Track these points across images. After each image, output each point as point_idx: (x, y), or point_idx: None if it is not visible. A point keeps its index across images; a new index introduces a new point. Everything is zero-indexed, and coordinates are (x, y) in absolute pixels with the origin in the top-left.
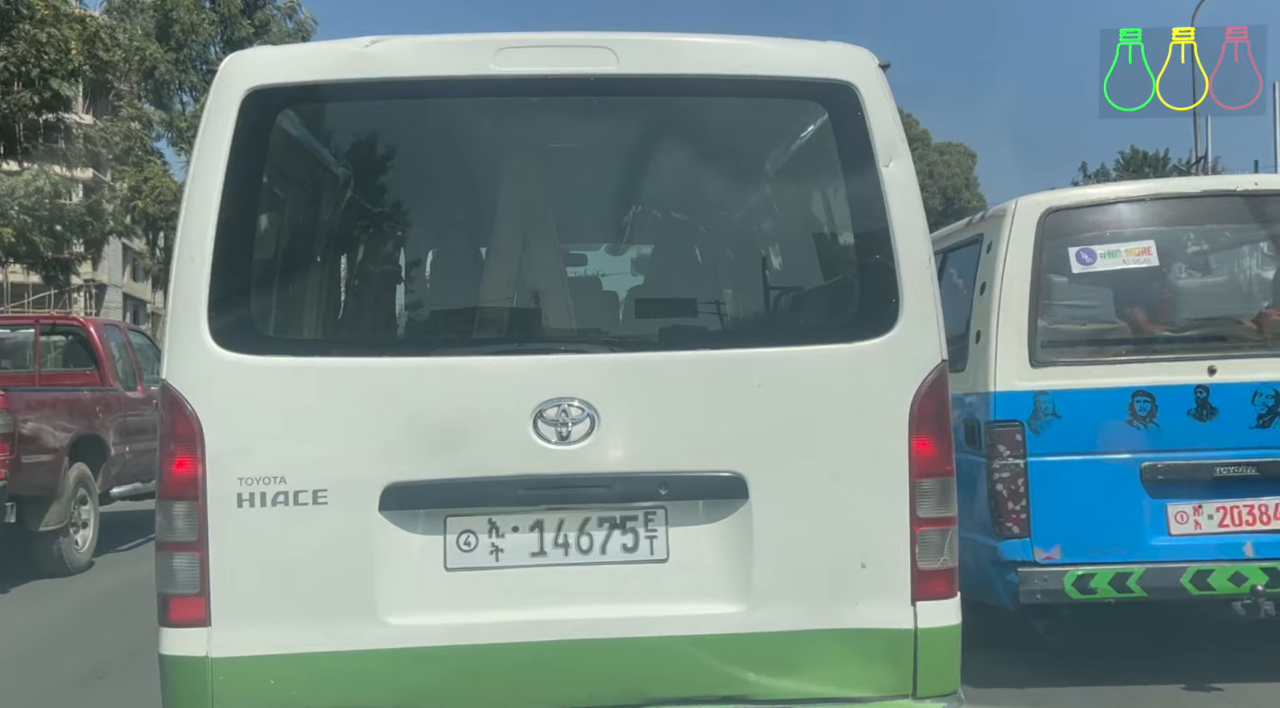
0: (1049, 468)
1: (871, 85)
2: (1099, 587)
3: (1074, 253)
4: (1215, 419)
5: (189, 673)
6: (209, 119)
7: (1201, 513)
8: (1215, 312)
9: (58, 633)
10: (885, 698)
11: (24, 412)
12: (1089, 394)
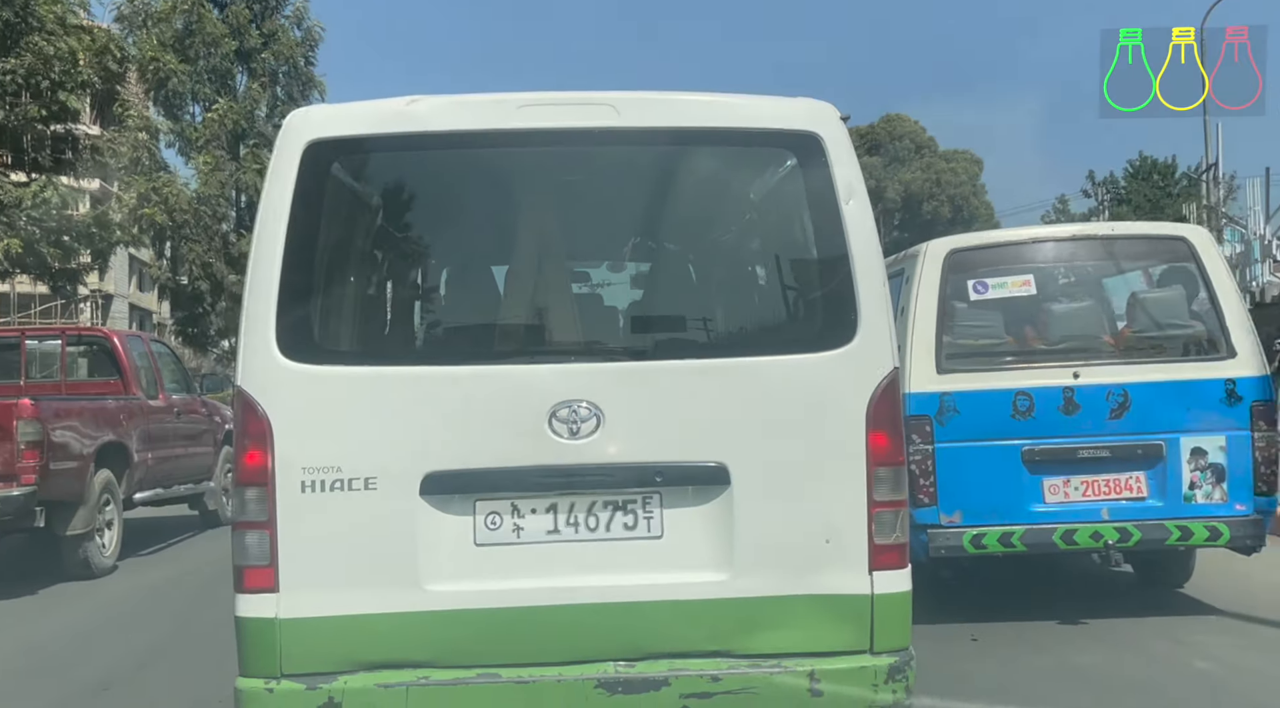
0: (951, 452)
1: (834, 135)
2: (989, 544)
3: (971, 284)
4: (1079, 413)
5: (260, 632)
6: (275, 166)
7: (1069, 486)
8: (1080, 330)
9: (83, 636)
10: (846, 653)
11: (52, 420)
12: (982, 394)
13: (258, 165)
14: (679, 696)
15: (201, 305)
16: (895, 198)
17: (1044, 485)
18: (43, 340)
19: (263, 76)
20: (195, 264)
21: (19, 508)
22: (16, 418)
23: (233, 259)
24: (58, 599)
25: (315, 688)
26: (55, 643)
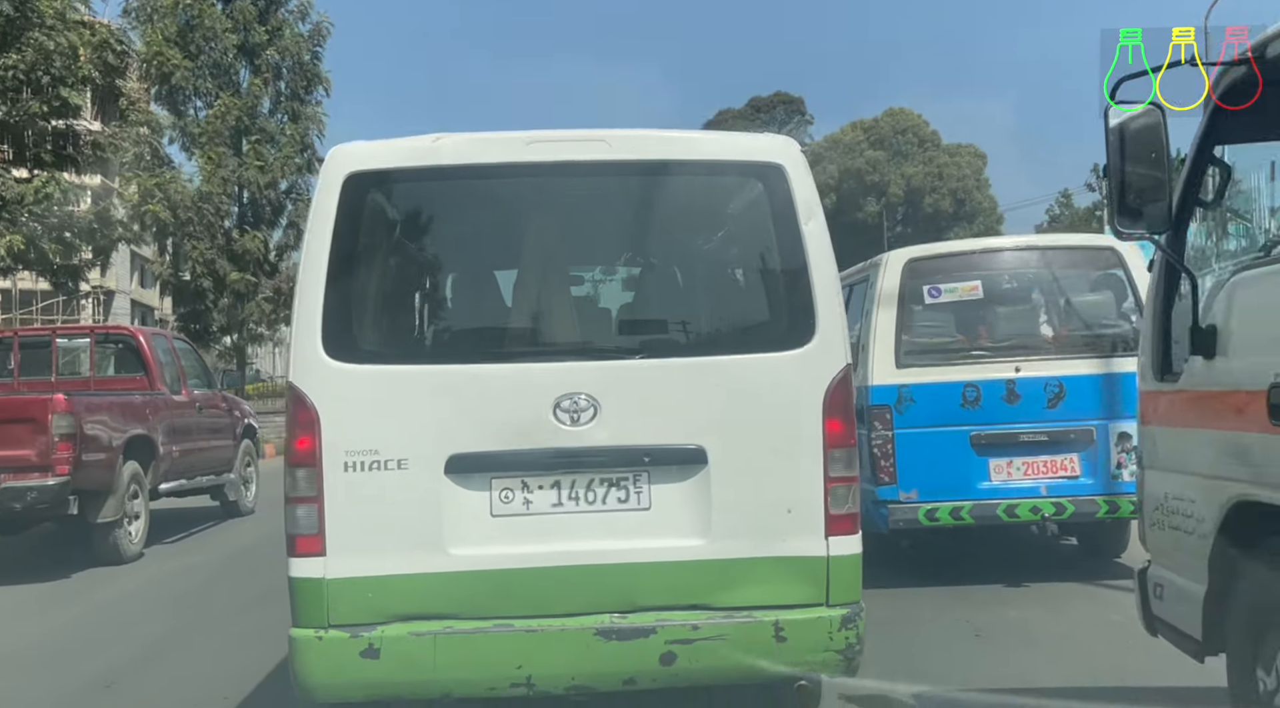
0: (909, 437)
1: (795, 165)
2: (941, 517)
3: (926, 289)
4: (1020, 402)
5: (311, 590)
6: (319, 196)
7: (1011, 466)
8: (1021, 329)
9: (114, 617)
10: (806, 605)
11: (84, 414)
12: (935, 386)
13: (259, 162)
14: (664, 642)
15: (204, 302)
16: (898, 192)
17: (990, 466)
18: (72, 339)
19: (265, 72)
20: (198, 261)
21: (54, 496)
22: (51, 412)
23: (235, 256)
24: (89, 583)
25: (358, 636)
26: (88, 623)
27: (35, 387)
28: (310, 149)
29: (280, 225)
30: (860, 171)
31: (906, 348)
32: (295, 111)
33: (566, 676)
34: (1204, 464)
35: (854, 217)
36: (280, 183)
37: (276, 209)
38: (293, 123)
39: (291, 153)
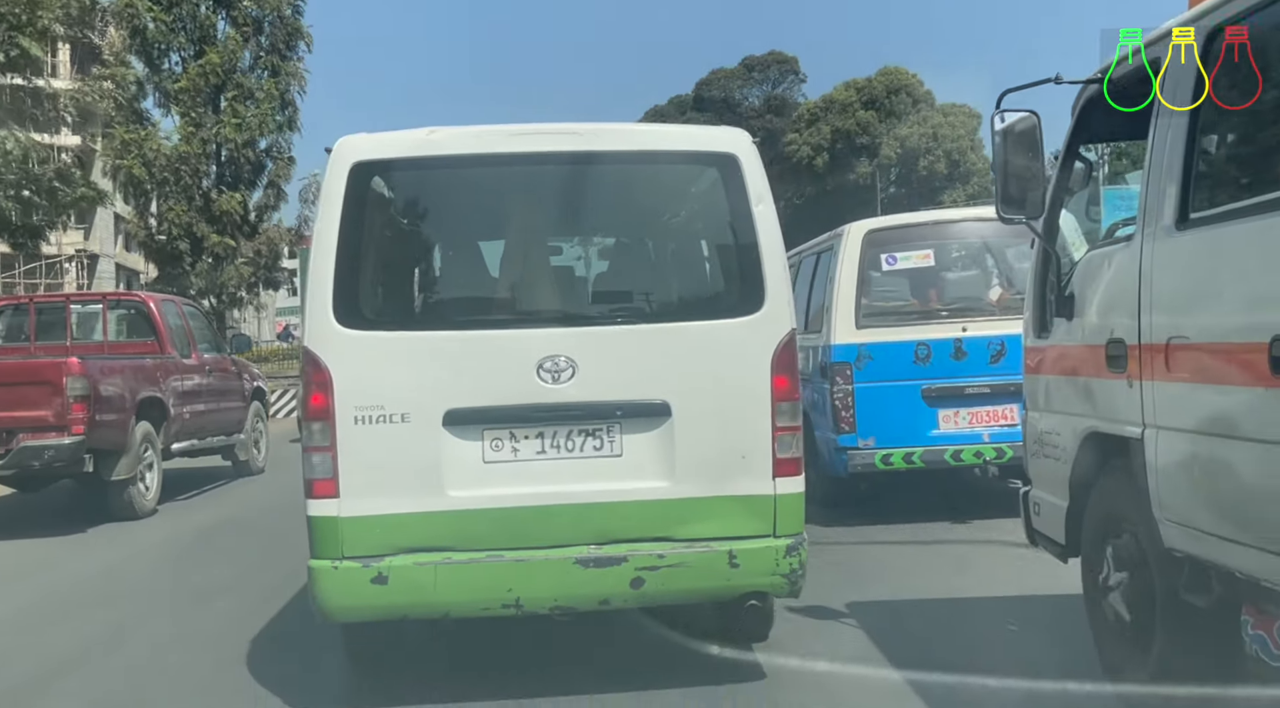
0: (867, 391)
1: (747, 154)
2: (895, 462)
3: (884, 257)
4: (966, 359)
5: (326, 526)
6: (328, 183)
7: (958, 416)
8: (968, 293)
9: (129, 569)
10: (756, 537)
11: (98, 376)
12: (891, 345)
13: (237, 119)
14: (634, 569)
15: (181, 265)
16: (890, 154)
17: (939, 416)
18: (85, 305)
19: (244, 26)
20: (175, 223)
21: (70, 455)
22: (66, 375)
23: (214, 217)
24: (105, 537)
25: (369, 566)
26: (105, 575)
27: (51, 351)
28: (291, 106)
29: (260, 186)
30: (851, 132)
31: (865, 310)
32: (275, 67)
33: (550, 598)
34: (1066, 404)
35: (846, 178)
36: (260, 141)
37: (256, 168)
38: (272, 79)
39: (270, 110)
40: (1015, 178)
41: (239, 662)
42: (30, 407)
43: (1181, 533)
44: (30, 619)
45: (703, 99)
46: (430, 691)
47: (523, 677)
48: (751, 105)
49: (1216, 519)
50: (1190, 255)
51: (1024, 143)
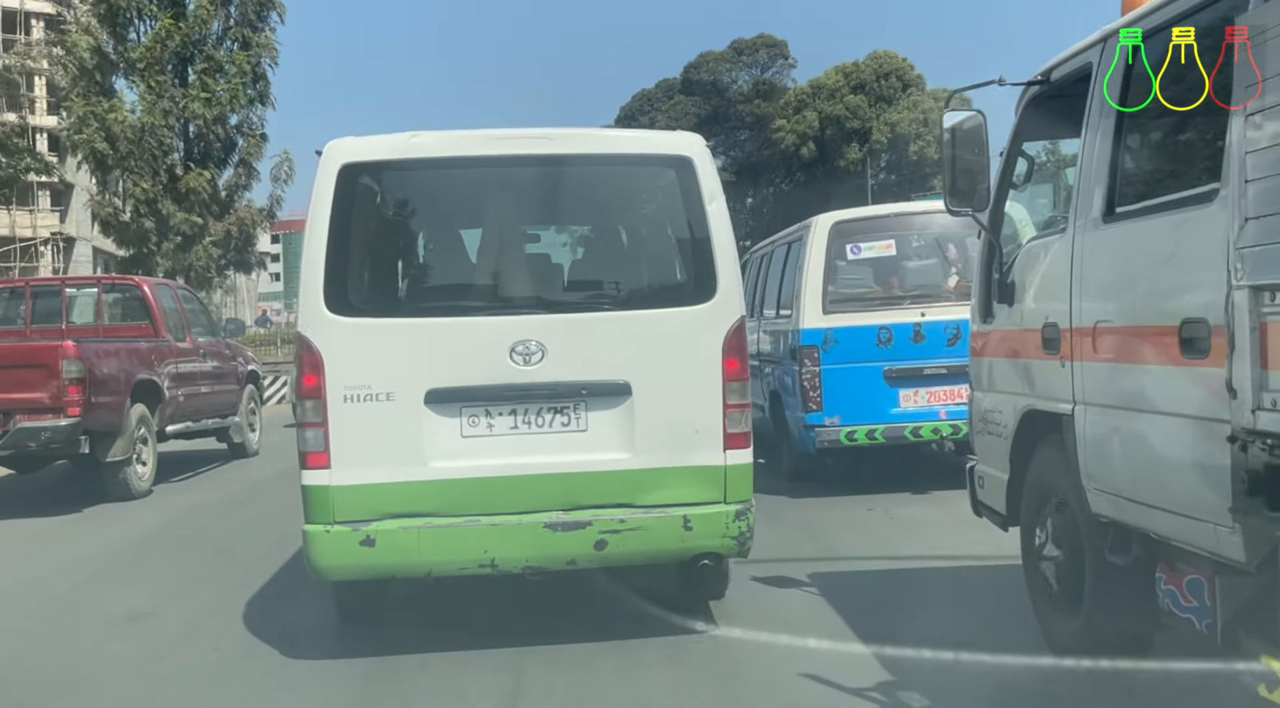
0: (833, 372)
1: (701, 157)
2: (859, 438)
3: (849, 247)
4: (925, 342)
5: (319, 495)
6: (319, 182)
7: (918, 395)
8: (926, 280)
9: (120, 548)
10: (708, 503)
11: (93, 359)
12: (855, 329)
13: (206, 93)
14: (598, 532)
15: (146, 245)
16: (881, 139)
17: (900, 395)
18: (80, 289)
19: None
20: (140, 200)
21: (66, 436)
22: (62, 357)
23: (180, 196)
24: (100, 517)
25: (358, 530)
26: (101, 553)
27: (46, 334)
28: (263, 80)
29: (230, 164)
30: (841, 118)
31: (831, 297)
32: (246, 39)
33: (522, 558)
34: (1007, 384)
35: (835, 164)
36: (230, 117)
37: (226, 146)
38: (242, 51)
39: (241, 84)
40: (963, 173)
41: (236, 620)
42: (27, 389)
43: (1106, 500)
44: (25, 597)
45: (690, 83)
46: (412, 642)
47: (501, 630)
48: (740, 89)
49: (1135, 486)
50: (1115, 247)
51: (971, 140)
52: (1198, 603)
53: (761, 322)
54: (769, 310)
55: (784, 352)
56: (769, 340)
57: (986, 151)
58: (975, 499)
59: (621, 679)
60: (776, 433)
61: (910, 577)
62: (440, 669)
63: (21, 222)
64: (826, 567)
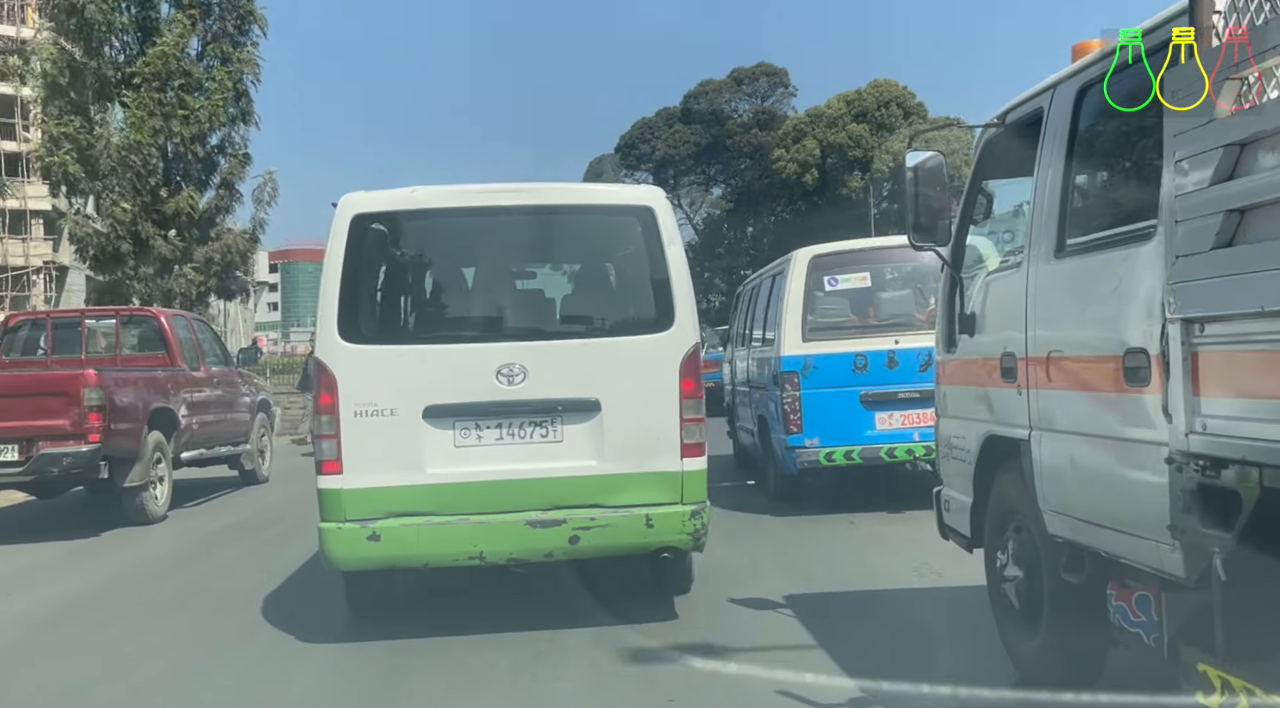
0: (812, 396)
1: (661, 207)
2: (837, 459)
3: (827, 279)
4: (898, 368)
5: (333, 496)
6: (334, 230)
7: (892, 418)
8: (900, 310)
9: (145, 568)
10: (668, 504)
11: (113, 387)
12: (833, 356)
13: (185, 112)
14: (572, 529)
15: (122, 269)
16: (883, 168)
17: (875, 418)
18: (99, 320)
19: (191, 8)
20: (118, 222)
21: (86, 462)
22: (84, 386)
23: (163, 218)
24: (118, 541)
25: (365, 526)
26: (123, 575)
27: (66, 364)
28: (245, 97)
29: (212, 185)
30: (843, 146)
31: (811, 326)
32: (226, 54)
33: (507, 551)
34: (969, 411)
35: (838, 193)
36: (211, 137)
37: (206, 166)
38: (222, 67)
39: (221, 101)
40: (925, 209)
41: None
42: (50, 416)
43: (1060, 521)
44: (51, 620)
45: (690, 112)
46: (414, 627)
47: (488, 616)
48: (740, 118)
49: (1086, 507)
50: (1065, 280)
51: (932, 178)
52: (1146, 618)
53: (750, 350)
54: (756, 339)
55: (768, 378)
56: (756, 367)
57: (947, 189)
58: (942, 522)
59: None
60: (764, 456)
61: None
62: (440, 651)
63: (14, 250)
64: (800, 586)
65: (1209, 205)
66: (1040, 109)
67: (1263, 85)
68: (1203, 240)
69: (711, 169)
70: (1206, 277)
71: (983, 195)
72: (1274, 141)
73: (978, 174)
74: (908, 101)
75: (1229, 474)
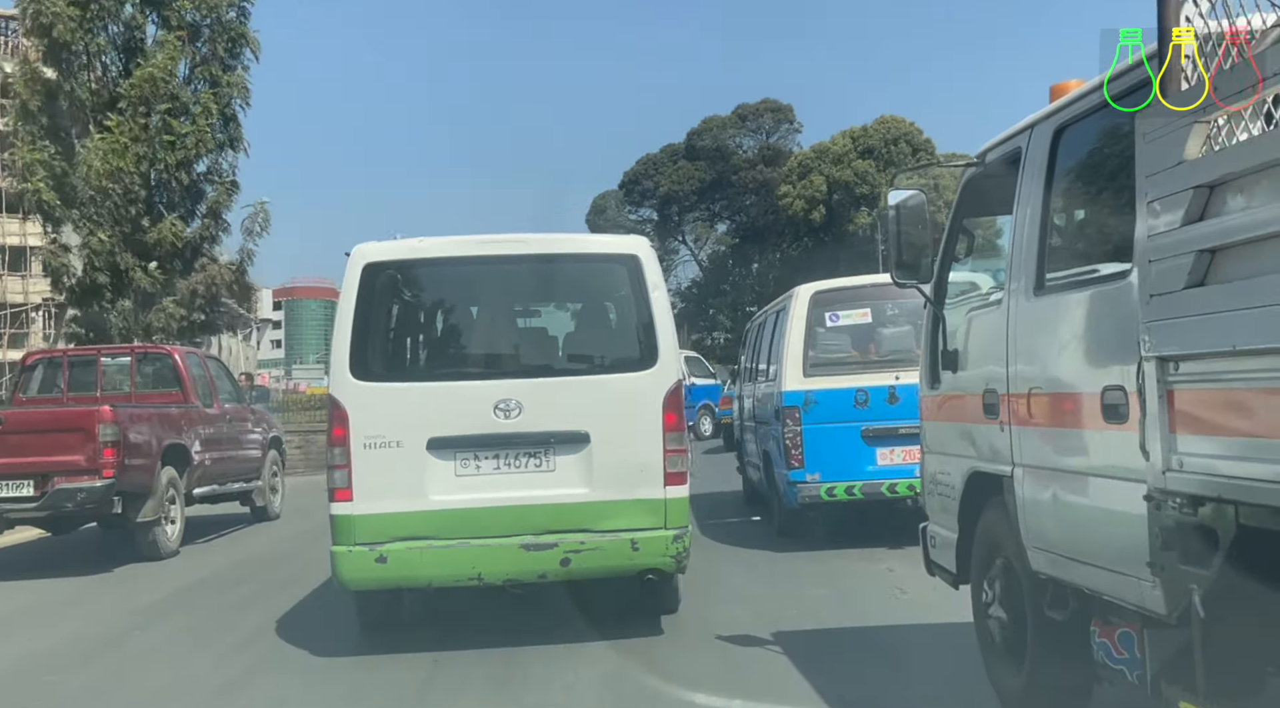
0: (814, 431)
1: (647, 255)
2: (838, 494)
3: (828, 315)
4: (899, 404)
5: (344, 522)
6: (348, 277)
7: (893, 453)
8: (900, 346)
9: (154, 606)
10: (652, 529)
11: (127, 423)
12: (834, 392)
13: (170, 137)
14: (563, 552)
15: (99, 302)
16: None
17: (876, 453)
18: (114, 358)
19: (180, 29)
20: (95, 252)
21: (100, 497)
22: (99, 422)
23: (145, 248)
24: (130, 577)
25: (373, 549)
26: (132, 610)
27: (82, 401)
28: (234, 122)
29: (199, 215)
30: (850, 183)
31: (812, 361)
32: (215, 77)
33: (503, 573)
34: (953, 447)
35: (844, 229)
36: (197, 164)
37: (192, 194)
38: (210, 90)
39: (208, 126)
40: (908, 247)
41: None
42: (65, 452)
43: (1044, 557)
44: (61, 656)
45: (694, 148)
46: (418, 643)
47: (488, 632)
48: (745, 155)
49: (1068, 544)
50: (1044, 317)
51: (915, 217)
52: (1129, 655)
53: (755, 386)
54: (761, 374)
55: (770, 413)
56: (760, 402)
57: (929, 227)
58: (928, 559)
59: None
60: (769, 491)
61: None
62: (446, 664)
63: (13, 287)
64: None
65: (1181, 246)
66: (1019, 148)
67: (1232, 128)
68: (1175, 280)
69: (716, 205)
70: (1180, 315)
71: (964, 233)
72: (1242, 184)
73: (959, 212)
74: (915, 138)
75: (1206, 512)
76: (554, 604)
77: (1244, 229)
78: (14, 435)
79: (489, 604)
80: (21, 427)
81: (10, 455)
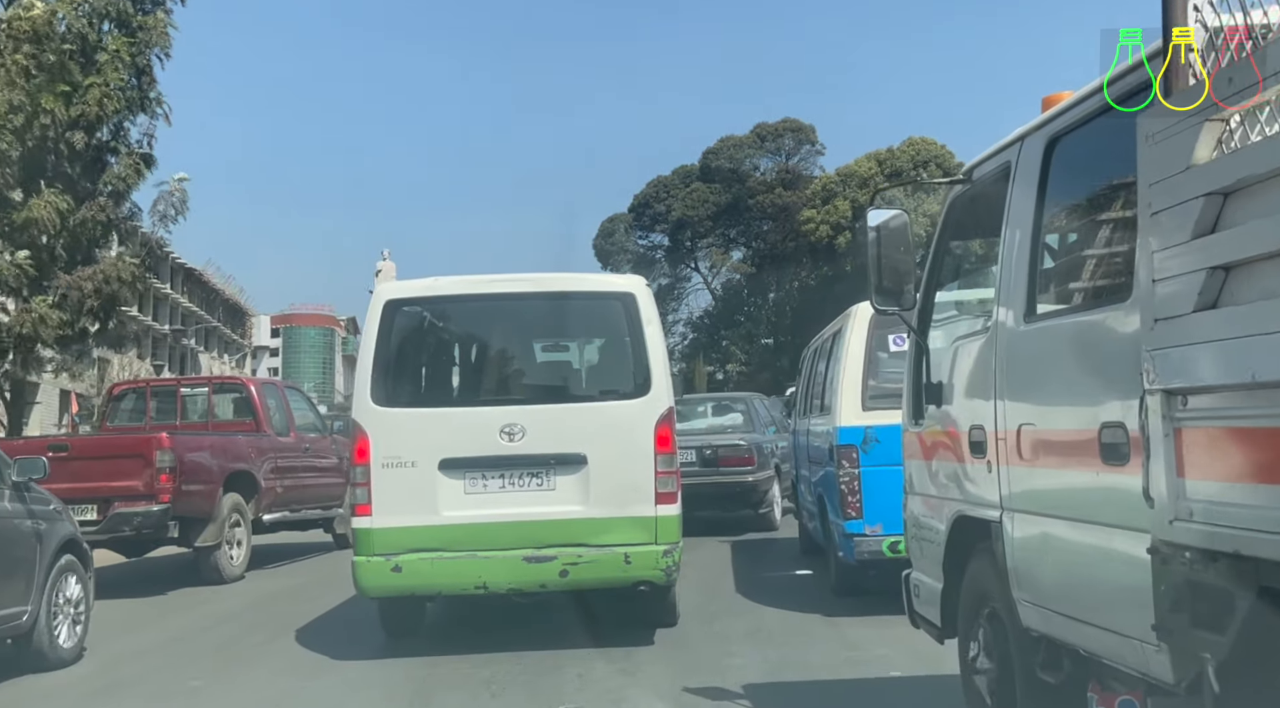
0: (874, 474)
1: (642, 292)
2: (903, 550)
3: (892, 338)
4: None
5: (364, 535)
6: (370, 313)
7: None
8: None
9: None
10: (644, 544)
11: (184, 451)
12: (897, 428)
13: (65, 85)
14: (562, 564)
15: None
16: (920, 233)
17: None
18: (194, 388)
19: None
20: None
21: (156, 521)
22: (156, 448)
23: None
24: (183, 600)
25: (389, 560)
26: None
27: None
28: (148, 74)
29: (102, 191)
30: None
31: (872, 392)
32: (126, 17)
33: (506, 583)
34: (938, 488)
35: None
36: (102, 126)
37: (87, 165)
38: (122, 35)
39: (118, 78)
40: (890, 271)
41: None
42: (125, 477)
43: (1035, 613)
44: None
45: (709, 169)
46: (431, 648)
47: (488, 638)
48: (763, 178)
49: (1063, 599)
50: (1035, 346)
51: (897, 239)
52: None
53: (810, 422)
54: (815, 407)
55: (824, 451)
56: (814, 440)
57: (913, 250)
58: (911, 610)
59: None
60: (826, 542)
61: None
62: (461, 667)
63: None
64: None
65: (1190, 262)
66: (1008, 163)
67: (1246, 128)
68: (1184, 302)
69: (732, 230)
70: (1189, 343)
71: (949, 256)
72: (1261, 189)
73: (944, 234)
74: (947, 161)
75: (1220, 568)
76: (560, 614)
77: (1263, 242)
78: (79, 461)
79: (494, 611)
80: (86, 453)
81: (75, 481)
